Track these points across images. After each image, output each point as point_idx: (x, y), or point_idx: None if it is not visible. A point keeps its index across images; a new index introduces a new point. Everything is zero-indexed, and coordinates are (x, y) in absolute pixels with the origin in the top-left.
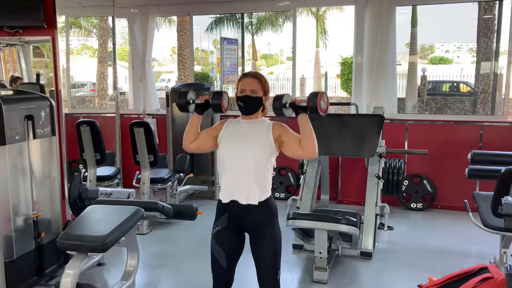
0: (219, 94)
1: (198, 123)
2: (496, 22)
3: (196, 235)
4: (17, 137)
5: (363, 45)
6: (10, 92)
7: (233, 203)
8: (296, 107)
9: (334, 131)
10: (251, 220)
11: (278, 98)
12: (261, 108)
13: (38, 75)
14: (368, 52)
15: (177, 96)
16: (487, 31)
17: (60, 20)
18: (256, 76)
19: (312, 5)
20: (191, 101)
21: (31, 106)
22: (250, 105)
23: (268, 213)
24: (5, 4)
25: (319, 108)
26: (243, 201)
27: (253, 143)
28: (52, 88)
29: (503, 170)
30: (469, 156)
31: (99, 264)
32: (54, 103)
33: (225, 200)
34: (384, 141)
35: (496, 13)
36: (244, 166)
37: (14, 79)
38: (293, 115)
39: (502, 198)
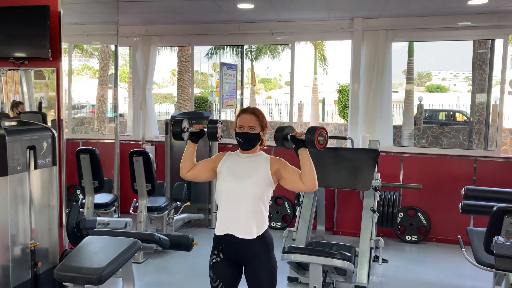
0: (214, 123)
1: (194, 151)
2: (489, 55)
3: (191, 265)
4: (18, 168)
5: (359, 78)
6: (14, 123)
7: (230, 236)
8: (296, 141)
9: (330, 164)
10: (248, 253)
11: (280, 130)
12: (259, 142)
13: (40, 104)
14: (364, 85)
15: (172, 124)
16: (481, 63)
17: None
18: (254, 112)
19: (310, 39)
20: (185, 130)
21: (34, 137)
22: (248, 141)
23: (264, 246)
24: (12, 36)
25: (316, 143)
26: (240, 235)
27: (251, 177)
28: (53, 117)
29: (494, 209)
30: (462, 191)
31: None
32: (56, 134)
33: (220, 233)
34: (379, 174)
35: (489, 47)
36: (242, 200)
37: (15, 104)
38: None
39: (493, 238)
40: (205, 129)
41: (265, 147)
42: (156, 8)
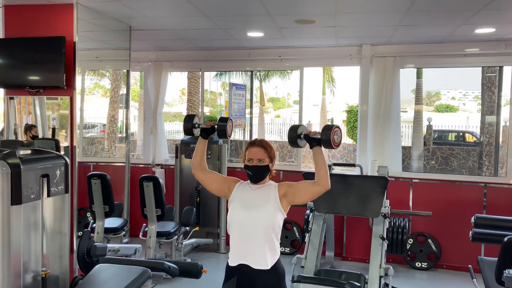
0: (225, 121)
1: (204, 147)
2: (498, 78)
3: None
4: (32, 196)
5: (368, 103)
6: (28, 152)
7: (244, 266)
8: (310, 139)
9: (339, 191)
10: (260, 284)
11: (294, 129)
12: (269, 173)
13: (54, 130)
14: (372, 109)
15: (184, 120)
16: (490, 85)
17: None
18: (262, 145)
19: (319, 65)
20: (196, 125)
21: (48, 165)
22: (258, 173)
23: (276, 277)
24: (28, 65)
25: (332, 142)
26: (255, 265)
27: (262, 208)
28: (65, 137)
29: (505, 239)
30: (472, 219)
31: None
32: (68, 161)
33: (234, 263)
34: (388, 201)
35: (498, 69)
36: (254, 231)
37: (29, 128)
38: (307, 145)
39: (504, 271)
40: (216, 126)
41: (274, 172)
42: (167, 36)
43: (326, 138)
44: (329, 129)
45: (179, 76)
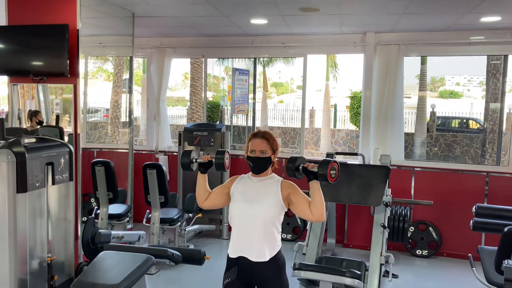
0: (222, 154)
1: (205, 181)
2: (503, 65)
3: (203, 277)
4: (37, 184)
5: (371, 90)
6: (33, 140)
7: (243, 259)
8: (308, 173)
9: (341, 179)
10: (261, 276)
11: (292, 161)
12: (271, 165)
13: (58, 117)
14: (376, 97)
15: (181, 156)
16: (495, 72)
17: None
18: (264, 136)
19: (323, 53)
20: (194, 160)
21: (52, 153)
22: (260, 165)
23: (277, 269)
24: (32, 53)
25: (329, 177)
26: (253, 258)
27: (263, 201)
28: (68, 121)
29: (505, 230)
30: (473, 209)
31: None
32: (73, 149)
33: (233, 255)
34: (390, 190)
35: (502, 60)
36: (254, 224)
37: (33, 113)
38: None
39: (503, 261)
40: (213, 160)
41: (276, 160)
42: (171, 22)
43: (322, 172)
44: (326, 164)
45: (182, 60)
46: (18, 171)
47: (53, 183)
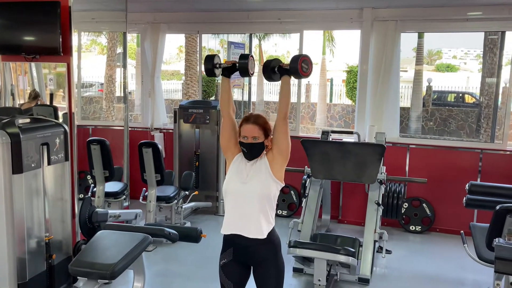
0: (245, 58)
1: (229, 85)
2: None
3: (199, 254)
4: (33, 165)
5: (368, 67)
6: (27, 120)
7: (239, 237)
8: (282, 70)
9: (336, 157)
10: (257, 257)
11: (268, 63)
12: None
13: (51, 95)
14: (372, 74)
15: (204, 61)
16: (493, 47)
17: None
18: (256, 122)
19: (319, 29)
20: (217, 65)
21: (47, 134)
22: (252, 151)
23: (272, 249)
24: (23, 31)
25: (300, 70)
26: (250, 235)
27: (256, 177)
28: (62, 96)
29: (497, 208)
30: (466, 187)
31: (105, 283)
32: (68, 129)
33: (227, 232)
34: (384, 167)
35: (499, 35)
36: (249, 200)
37: (34, 97)
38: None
39: (494, 239)
40: (237, 64)
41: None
42: None
43: (294, 66)
44: (297, 59)
45: (177, 34)
46: (13, 152)
47: (49, 164)
